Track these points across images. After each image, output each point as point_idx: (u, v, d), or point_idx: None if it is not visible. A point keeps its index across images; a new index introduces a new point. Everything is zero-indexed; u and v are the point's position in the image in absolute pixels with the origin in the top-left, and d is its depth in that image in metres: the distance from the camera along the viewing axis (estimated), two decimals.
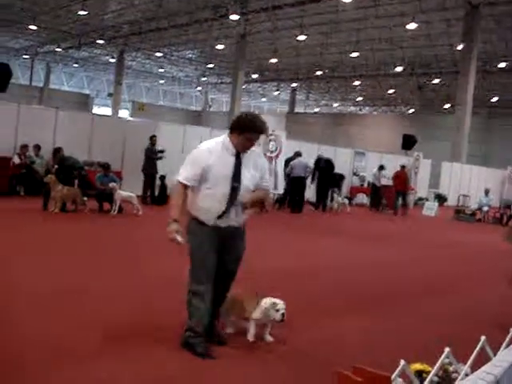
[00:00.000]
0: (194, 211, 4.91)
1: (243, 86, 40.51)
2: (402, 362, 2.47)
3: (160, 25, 35.56)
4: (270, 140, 19.91)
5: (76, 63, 55.65)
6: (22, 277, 6.89)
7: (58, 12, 35.50)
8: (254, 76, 50.00)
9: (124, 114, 55.25)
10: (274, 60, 41.78)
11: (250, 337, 5.10)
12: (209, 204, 4.81)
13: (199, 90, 66.14)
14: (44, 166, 16.19)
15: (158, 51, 44.85)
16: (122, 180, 16.56)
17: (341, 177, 22.16)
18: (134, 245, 10.13)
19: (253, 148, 4.98)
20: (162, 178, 17.24)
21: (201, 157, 4.82)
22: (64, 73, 63.30)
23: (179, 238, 4.75)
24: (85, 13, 33.07)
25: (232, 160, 4.84)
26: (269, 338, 5.22)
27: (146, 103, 62.61)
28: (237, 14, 29.88)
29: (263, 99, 66.17)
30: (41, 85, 58.15)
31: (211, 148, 4.87)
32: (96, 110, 60.34)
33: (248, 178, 4.90)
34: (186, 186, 4.83)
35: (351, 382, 2.13)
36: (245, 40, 36.20)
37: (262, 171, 5.08)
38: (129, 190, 14.74)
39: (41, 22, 38.65)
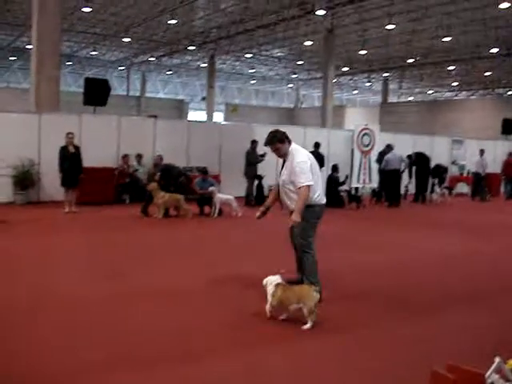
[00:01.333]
0: None
1: (334, 80, 40.21)
2: (497, 359, 2.53)
3: (247, 26, 35.92)
4: (364, 135, 19.82)
5: (169, 70, 57.15)
6: (137, 277, 7.32)
7: (149, 23, 36.56)
8: (345, 69, 49.59)
9: (218, 116, 56.21)
10: (363, 51, 41.31)
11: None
12: None
13: (290, 87, 66.29)
14: (146, 173, 16.88)
15: (248, 52, 45.30)
16: (220, 183, 17.03)
17: (445, 169, 21.71)
18: (231, 245, 10.47)
19: (290, 153, 6.81)
20: (260, 178, 17.49)
21: None
22: (159, 81, 65.11)
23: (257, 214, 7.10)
24: (174, 21, 33.93)
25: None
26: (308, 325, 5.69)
27: (239, 104, 63.46)
28: (323, 9, 29.74)
29: (355, 92, 65.47)
30: (137, 94, 60.15)
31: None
32: (191, 114, 61.71)
33: (284, 174, 6.83)
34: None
35: (445, 380, 2.23)
36: (332, 34, 35.94)
37: (291, 169, 6.68)
38: (227, 193, 15.18)
39: (133, 34, 39.98)
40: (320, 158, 17.05)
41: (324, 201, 6.96)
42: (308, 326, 5.65)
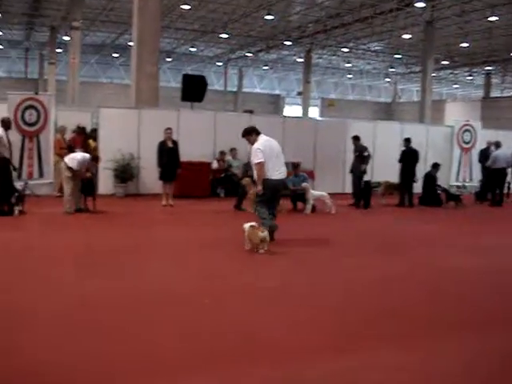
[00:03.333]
0: None
1: (433, 74, 39.20)
2: None
3: (344, 20, 35.59)
4: (465, 131, 19.21)
5: (266, 66, 57.50)
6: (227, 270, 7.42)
7: (246, 19, 36.93)
8: (444, 62, 48.21)
9: (314, 110, 56.03)
10: (464, 44, 40.06)
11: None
12: None
13: (388, 82, 65.15)
14: (241, 168, 17.06)
15: (344, 46, 44.91)
16: (314, 179, 16.95)
17: None
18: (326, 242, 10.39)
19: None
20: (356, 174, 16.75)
21: None
22: (255, 76, 65.65)
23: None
24: (271, 17, 34.10)
25: None
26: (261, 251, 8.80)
27: (335, 99, 62.97)
28: (422, 1, 29.06)
29: (455, 86, 63.48)
30: (234, 89, 60.93)
31: None
32: (287, 108, 61.86)
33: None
34: None
35: None
36: (432, 27, 35.01)
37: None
38: (321, 190, 15.08)
39: (231, 30, 40.47)
40: (413, 154, 16.43)
41: (276, 177, 9.64)
42: (261, 251, 8.74)
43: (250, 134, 9.98)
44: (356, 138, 16.29)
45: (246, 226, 9.04)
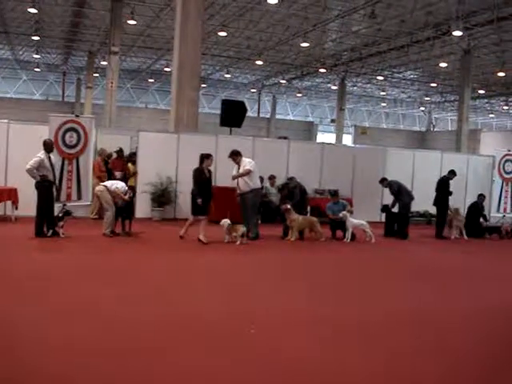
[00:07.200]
0: None
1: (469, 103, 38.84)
2: None
3: (380, 48, 35.57)
4: (506, 161, 18.84)
5: (299, 93, 57.68)
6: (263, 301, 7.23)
7: (281, 46, 37.13)
8: (481, 91, 47.76)
9: (347, 138, 55.91)
10: (501, 74, 39.65)
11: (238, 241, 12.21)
12: None
13: (422, 110, 64.81)
14: (278, 195, 16.87)
15: (379, 75, 44.83)
16: (352, 207, 16.68)
17: None
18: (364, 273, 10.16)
19: (242, 161, 13.12)
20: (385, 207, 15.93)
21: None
22: (288, 103, 65.87)
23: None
24: (307, 44, 34.14)
25: None
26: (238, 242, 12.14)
27: (368, 127, 62.79)
28: (459, 29, 28.83)
29: (491, 115, 62.86)
30: (267, 116, 61.13)
31: None
32: (320, 136, 61.86)
33: (240, 169, 13.04)
34: None
35: None
36: (469, 55, 34.80)
37: (243, 167, 13.01)
38: (359, 218, 14.81)
39: (266, 57, 40.73)
40: (442, 183, 15.80)
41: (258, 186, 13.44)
42: (237, 242, 12.05)
43: (237, 155, 13.07)
44: (384, 180, 15.63)
45: (225, 222, 12.18)
